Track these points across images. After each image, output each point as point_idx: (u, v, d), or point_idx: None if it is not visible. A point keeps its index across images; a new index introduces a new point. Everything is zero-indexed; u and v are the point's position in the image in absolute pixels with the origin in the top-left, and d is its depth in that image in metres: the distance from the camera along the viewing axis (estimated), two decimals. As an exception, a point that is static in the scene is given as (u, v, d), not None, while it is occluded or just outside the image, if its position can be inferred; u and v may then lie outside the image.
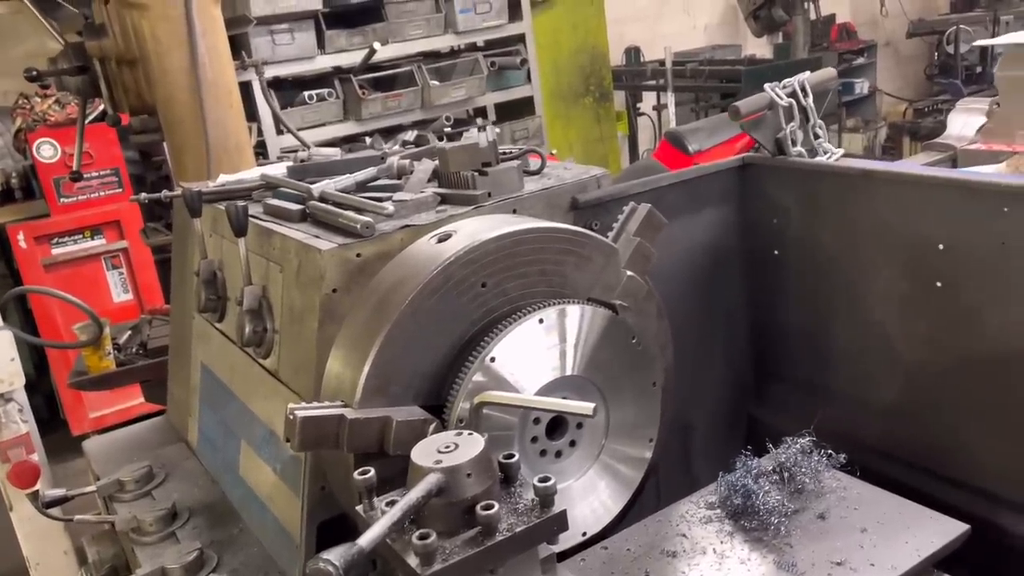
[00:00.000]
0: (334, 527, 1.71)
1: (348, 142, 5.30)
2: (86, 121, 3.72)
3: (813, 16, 8.97)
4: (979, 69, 9.03)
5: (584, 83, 7.26)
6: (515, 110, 6.33)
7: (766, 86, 2.14)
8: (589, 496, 1.64)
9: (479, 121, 5.96)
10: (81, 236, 5.37)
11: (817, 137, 2.20)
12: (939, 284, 1.84)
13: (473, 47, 6.23)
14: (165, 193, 2.30)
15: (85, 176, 5.09)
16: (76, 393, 5.11)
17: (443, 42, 5.94)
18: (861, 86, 9.87)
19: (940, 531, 1.59)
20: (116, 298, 5.52)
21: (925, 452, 1.91)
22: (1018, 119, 2.54)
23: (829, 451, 1.77)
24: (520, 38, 6.20)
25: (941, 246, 1.82)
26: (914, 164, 3.38)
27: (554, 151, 5.95)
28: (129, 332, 3.59)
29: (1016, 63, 2.57)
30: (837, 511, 1.67)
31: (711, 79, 7.64)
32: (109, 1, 3.01)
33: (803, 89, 2.17)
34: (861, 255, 2.01)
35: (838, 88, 8.90)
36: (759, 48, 9.68)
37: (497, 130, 5.98)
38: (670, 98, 7.51)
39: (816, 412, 1.91)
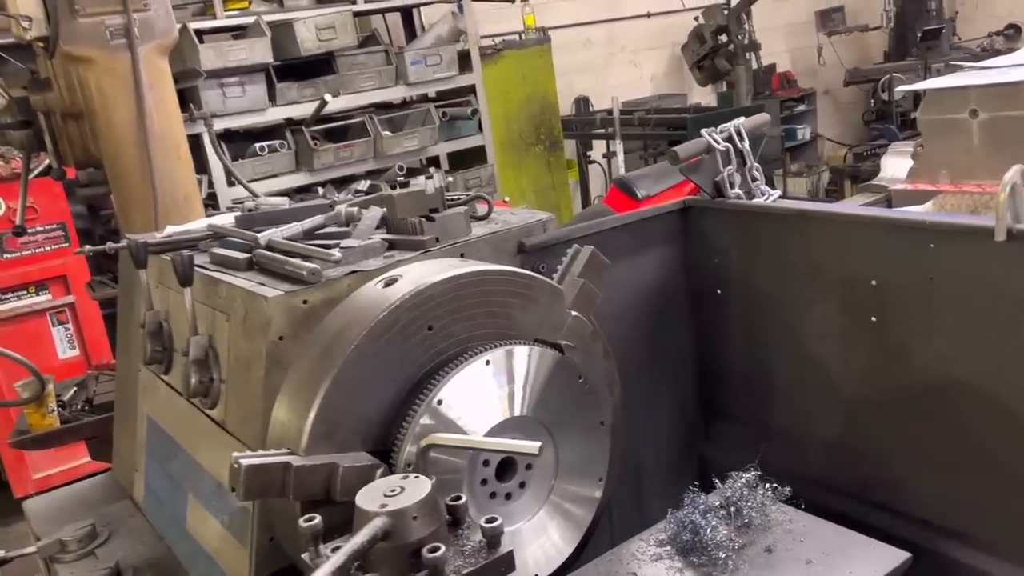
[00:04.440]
0: (283, 579, 1.68)
1: (300, 193, 5.32)
2: (30, 175, 3.68)
3: (755, 66, 9.30)
4: (913, 115, 9.42)
5: (535, 132, 7.39)
6: (467, 159, 6.42)
7: (703, 131, 2.22)
8: (540, 537, 1.64)
9: (431, 170, 6.03)
10: (25, 292, 5.25)
11: (754, 179, 2.28)
12: (873, 319, 1.90)
13: (424, 98, 6.32)
14: (110, 245, 2.28)
15: (30, 231, 5.01)
16: (19, 453, 4.95)
17: (394, 93, 6.03)
18: (803, 132, 10.22)
19: (882, 560, 1.62)
20: (62, 354, 5.38)
21: (866, 483, 1.96)
22: (941, 159, 2.66)
23: (774, 485, 1.80)
24: (471, 89, 6.32)
25: (874, 282, 1.89)
26: (847, 204, 3.50)
27: (507, 199, 6.03)
28: (74, 388, 3.51)
29: (936, 107, 2.71)
30: (783, 543, 1.69)
31: (658, 127, 7.84)
32: (54, 55, 3.01)
33: (739, 133, 2.25)
34: (798, 293, 2.07)
35: (781, 134, 9.20)
36: (704, 97, 9.98)
37: (450, 178, 6.05)
38: (619, 146, 7.67)
39: (762, 449, 1.95)
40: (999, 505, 1.74)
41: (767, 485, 1.79)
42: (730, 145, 2.23)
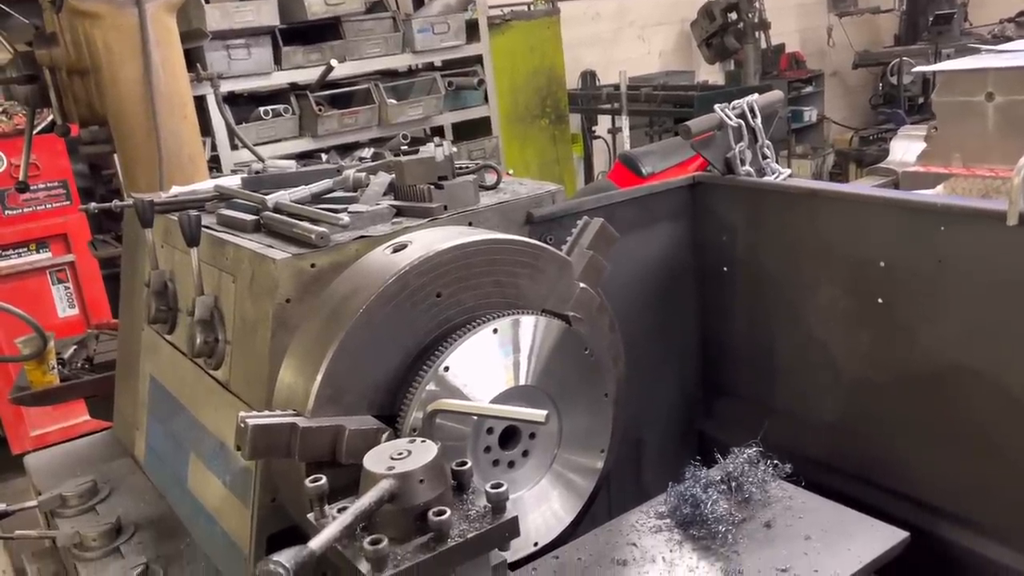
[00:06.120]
0: (284, 540, 1.68)
1: (304, 158, 5.28)
2: (34, 131, 3.64)
3: (764, 45, 9.21)
4: (921, 99, 9.37)
5: (540, 105, 7.33)
6: (472, 130, 6.37)
7: (716, 107, 2.20)
8: (541, 506, 1.65)
9: (436, 139, 5.99)
10: (26, 249, 5.24)
11: (765, 157, 2.26)
12: (880, 301, 1.90)
13: (430, 67, 6.26)
14: (116, 203, 2.27)
15: (31, 188, 4.98)
16: (17, 409, 4.96)
17: (401, 61, 5.96)
18: (809, 114, 10.13)
19: (881, 538, 1.63)
20: (61, 313, 5.37)
21: (866, 464, 1.97)
22: (954, 142, 2.64)
23: (775, 461, 1.81)
24: (478, 59, 6.25)
25: (882, 263, 1.88)
26: (858, 185, 3.49)
27: (511, 171, 5.99)
28: (75, 347, 3.51)
29: (952, 89, 2.69)
30: (783, 520, 1.70)
31: (665, 103, 7.77)
32: (61, 10, 2.97)
33: (752, 110, 2.23)
34: (805, 273, 2.07)
35: (788, 115, 9.14)
36: (711, 75, 9.89)
37: (454, 149, 6.02)
38: (624, 121, 7.61)
39: (763, 427, 1.95)
40: (999, 490, 1.75)
41: (768, 462, 1.80)
42: (742, 122, 2.22)
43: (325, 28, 5.56)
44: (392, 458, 1.25)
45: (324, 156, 5.41)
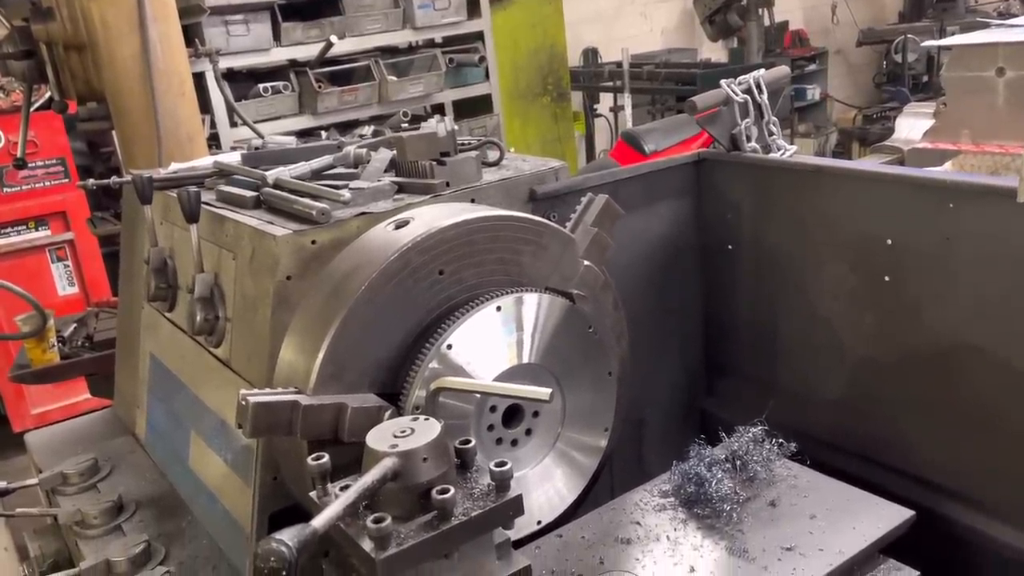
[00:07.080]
0: (286, 518, 1.67)
1: (303, 136, 5.24)
2: (31, 108, 3.61)
3: (767, 22, 9.12)
4: (925, 78, 9.30)
5: (542, 82, 7.28)
6: (473, 107, 6.32)
7: (722, 82, 2.18)
8: (545, 484, 1.64)
9: (437, 116, 5.94)
10: (25, 227, 5.21)
11: (771, 134, 2.24)
12: (887, 279, 1.88)
13: (431, 43, 6.20)
14: (114, 179, 2.24)
15: (30, 165, 4.94)
16: (18, 388, 4.96)
17: (401, 37, 5.91)
18: (813, 92, 10.06)
19: (886, 517, 1.62)
20: (61, 291, 5.36)
21: (871, 443, 1.96)
22: (964, 118, 2.61)
23: (780, 440, 1.79)
24: (479, 35, 6.19)
25: (889, 241, 1.86)
26: (865, 162, 3.46)
27: (512, 149, 5.94)
28: (75, 325, 3.50)
29: (962, 64, 2.65)
30: (787, 498, 1.70)
31: (667, 81, 7.72)
32: (57, -17, 2.93)
33: (758, 86, 2.20)
34: (811, 251, 2.04)
35: (791, 94, 9.07)
36: (714, 52, 9.81)
37: (455, 126, 5.97)
38: (627, 99, 7.56)
39: (766, 406, 1.94)
40: (1004, 469, 1.74)
41: (773, 440, 1.79)
42: (748, 97, 2.19)
43: (324, 4, 5.51)
44: (395, 436, 1.23)
45: (324, 134, 5.36)
